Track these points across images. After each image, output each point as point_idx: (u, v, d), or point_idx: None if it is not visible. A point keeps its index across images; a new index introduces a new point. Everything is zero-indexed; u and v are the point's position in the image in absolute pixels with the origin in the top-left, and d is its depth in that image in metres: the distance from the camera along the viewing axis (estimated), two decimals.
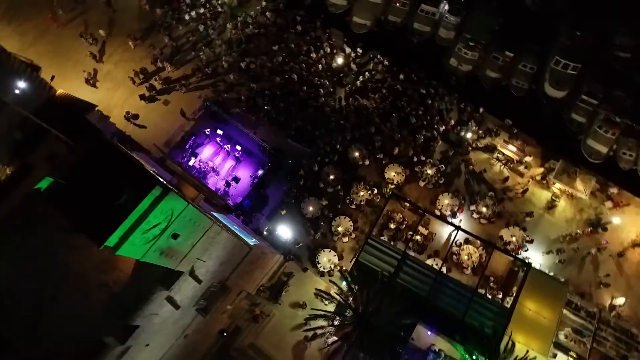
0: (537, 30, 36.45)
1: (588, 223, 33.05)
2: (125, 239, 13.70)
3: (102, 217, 13.12)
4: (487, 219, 33.22)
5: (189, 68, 37.37)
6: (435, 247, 32.92)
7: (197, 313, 25.28)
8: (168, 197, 14.17)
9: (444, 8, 38.40)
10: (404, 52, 37.41)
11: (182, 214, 16.00)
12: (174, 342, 25.38)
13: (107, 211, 13.17)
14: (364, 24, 38.68)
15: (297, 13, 38.72)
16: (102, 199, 13.19)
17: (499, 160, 34.61)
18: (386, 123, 35.54)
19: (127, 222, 13.28)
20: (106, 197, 13.13)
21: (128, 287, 20.38)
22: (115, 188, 13.25)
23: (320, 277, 32.43)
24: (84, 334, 19.56)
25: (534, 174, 34.27)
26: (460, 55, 37.41)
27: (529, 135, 35.32)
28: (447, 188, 34.22)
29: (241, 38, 37.92)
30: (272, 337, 31.64)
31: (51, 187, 16.19)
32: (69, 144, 21.75)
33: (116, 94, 37.07)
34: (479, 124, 35.61)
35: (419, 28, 38.54)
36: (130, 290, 20.11)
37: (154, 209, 14.05)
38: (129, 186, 13.36)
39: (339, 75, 36.98)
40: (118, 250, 13.78)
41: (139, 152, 31.59)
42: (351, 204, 33.70)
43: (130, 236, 13.86)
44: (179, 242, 17.23)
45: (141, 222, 13.86)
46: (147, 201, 13.42)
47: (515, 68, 36.61)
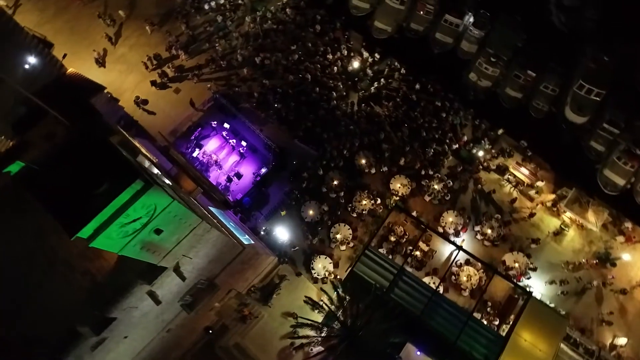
0: (563, 50, 35.10)
1: (596, 256, 31.71)
2: (100, 231, 13.13)
3: (77, 207, 12.53)
4: (491, 242, 32.11)
5: (203, 58, 36.95)
6: (435, 265, 31.92)
7: (181, 309, 24.71)
8: (151, 192, 13.53)
9: (468, 20, 37.33)
10: (423, 62, 36.43)
11: (167, 209, 15.38)
12: (155, 335, 24.85)
13: (84, 201, 12.58)
14: (384, 29, 37.81)
15: (317, 12, 38.02)
16: (81, 187, 12.59)
17: (509, 182, 33.42)
18: (397, 133, 34.62)
19: (103, 214, 12.69)
20: (85, 186, 12.52)
21: (111, 277, 19.99)
22: (96, 177, 12.64)
23: (314, 283, 31.68)
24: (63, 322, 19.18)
25: (544, 200, 33.03)
26: (481, 70, 36.30)
27: (544, 159, 34.06)
28: (453, 205, 33.17)
29: (259, 32, 37.33)
30: (259, 339, 30.98)
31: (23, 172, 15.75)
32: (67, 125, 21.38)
33: (128, 78, 36.84)
34: (493, 143, 34.46)
35: (440, 38, 37.53)
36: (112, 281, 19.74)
37: (134, 203, 13.46)
38: (110, 177, 12.73)
39: (353, 79, 36.17)
40: (92, 242, 13.20)
41: (142, 139, 31.33)
42: (352, 212, 32.88)
43: (107, 229, 13.26)
44: (162, 238, 16.65)
45: (119, 216, 13.26)
46: (127, 195, 12.83)
47: (536, 88, 35.35)
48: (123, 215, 13.46)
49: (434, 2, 37.36)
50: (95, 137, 13.46)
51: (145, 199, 13.71)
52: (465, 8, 37.38)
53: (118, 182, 12.69)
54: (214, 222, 22.84)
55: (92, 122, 21.19)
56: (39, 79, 28.51)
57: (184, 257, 20.06)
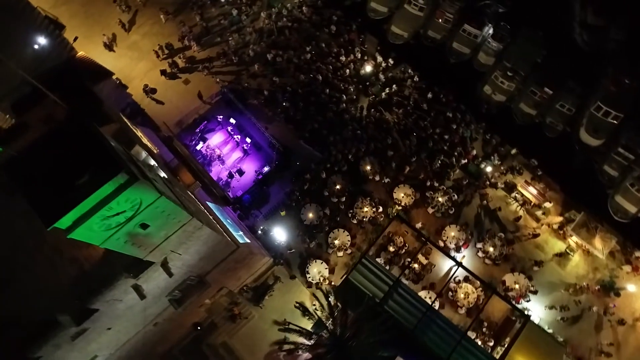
0: (582, 69, 34.07)
1: (600, 284, 30.71)
2: (80, 223, 12.65)
3: (56, 197, 12.11)
4: (492, 260, 31.26)
5: (214, 51, 36.55)
6: (432, 280, 31.15)
7: (169, 303, 24.31)
8: (136, 187, 13.04)
9: (487, 32, 36.47)
10: (437, 71, 35.63)
11: (154, 205, 14.87)
12: (141, 329, 24.53)
13: (63, 191, 12.14)
14: (401, 35, 37.10)
15: (334, 13, 37.41)
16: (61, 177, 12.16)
17: (516, 200, 32.52)
18: (405, 141, 33.88)
19: (83, 206, 12.21)
20: (66, 176, 12.09)
21: (98, 268, 19.49)
22: (78, 167, 12.20)
23: (307, 287, 31.13)
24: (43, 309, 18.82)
25: (551, 222, 32.07)
26: (496, 84, 35.43)
27: (554, 180, 33.10)
28: (456, 220, 32.36)
29: (273, 29, 36.83)
30: (246, 340, 30.54)
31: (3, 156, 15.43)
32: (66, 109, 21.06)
33: (138, 65, 36.58)
34: (502, 159, 33.57)
35: (457, 48, 36.73)
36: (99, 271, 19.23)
37: (117, 196, 12.96)
38: (92, 168, 12.28)
39: (365, 83, 35.51)
40: (71, 234, 12.74)
41: (146, 128, 31.05)
42: (352, 218, 32.24)
43: (87, 221, 12.78)
44: (148, 233, 16.17)
45: (101, 208, 12.78)
46: (110, 187, 12.32)
47: (552, 106, 34.38)
48: (105, 208, 12.96)
49: (453, 11, 36.56)
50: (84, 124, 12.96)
51: (129, 193, 13.18)
52: (485, 19, 36.55)
53: (100, 174, 12.19)
54: (207, 220, 22.38)
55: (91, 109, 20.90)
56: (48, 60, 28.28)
57: (173, 252, 19.56)
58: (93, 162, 12.57)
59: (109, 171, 12.33)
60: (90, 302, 18.26)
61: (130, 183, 13.08)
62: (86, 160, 12.59)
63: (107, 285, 18.29)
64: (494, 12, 36.85)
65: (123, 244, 15.66)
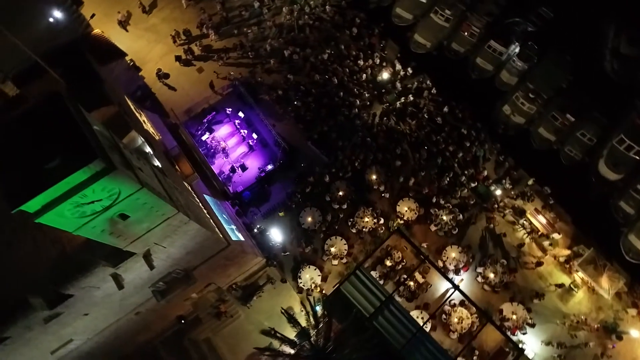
0: (609, 99, 32.61)
1: (602, 325, 29.29)
2: (50, 207, 12.03)
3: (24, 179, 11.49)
4: (491, 287, 30.05)
5: (232, 42, 35.93)
6: (427, 300, 30.10)
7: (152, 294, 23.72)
8: (113, 176, 12.37)
9: (513, 50, 35.21)
10: (457, 85, 34.45)
11: (134, 196, 14.20)
12: (121, 316, 23.95)
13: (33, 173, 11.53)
14: (424, 44, 36.09)
15: (357, 15, 36.49)
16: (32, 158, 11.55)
17: (524, 227, 31.22)
18: (415, 154, 32.82)
19: (53, 191, 11.58)
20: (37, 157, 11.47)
21: (80, 251, 18.82)
22: (51, 149, 11.57)
23: (298, 293, 30.36)
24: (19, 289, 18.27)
25: (557, 254, 30.71)
26: (516, 105, 34.17)
27: (565, 210, 31.70)
28: (459, 240, 31.23)
29: (293, 25, 36.06)
30: (230, 339, 29.93)
31: None
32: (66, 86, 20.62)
33: (154, 49, 36.17)
34: (514, 184, 32.25)
35: (481, 64, 35.56)
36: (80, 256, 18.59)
37: (92, 184, 12.30)
38: (66, 152, 11.63)
39: (380, 90, 34.53)
40: (39, 219, 12.14)
41: (152, 112, 30.55)
42: (352, 227, 31.33)
43: (58, 206, 12.15)
44: (129, 224, 15.53)
45: (73, 195, 12.14)
46: (82, 175, 11.68)
47: (572, 134, 33.01)
48: (79, 195, 12.32)
49: (480, 25, 35.42)
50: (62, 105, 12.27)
51: (106, 182, 12.53)
52: (513, 37, 35.29)
53: (73, 159, 11.55)
54: (198, 214, 21.70)
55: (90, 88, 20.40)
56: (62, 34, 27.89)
57: (157, 245, 18.90)
58: (67, 147, 11.90)
59: (83, 158, 11.65)
60: (64, 287, 17.70)
61: (106, 172, 12.41)
62: (60, 143, 11.93)
63: (84, 272, 17.69)
64: (522, 30, 35.57)
65: (100, 232, 15.03)
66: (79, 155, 11.72)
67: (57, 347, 22.08)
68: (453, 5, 35.58)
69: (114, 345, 26.09)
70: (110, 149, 13.55)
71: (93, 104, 19.42)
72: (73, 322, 20.82)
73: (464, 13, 35.81)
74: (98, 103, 19.46)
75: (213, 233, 22.98)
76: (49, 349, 21.66)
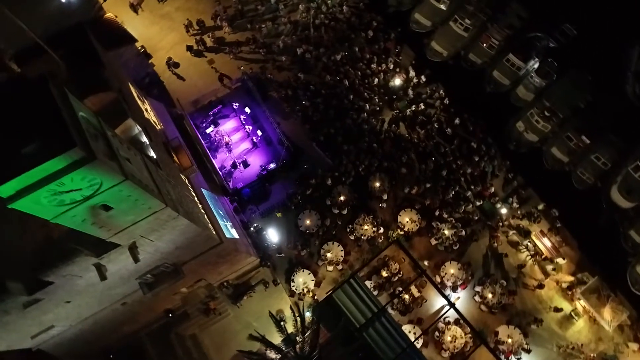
0: (627, 123, 31.40)
1: (601, 357, 28.20)
2: (24, 193, 11.54)
3: None
4: (488, 307, 29.11)
5: (245, 35, 35.42)
6: (421, 315, 29.28)
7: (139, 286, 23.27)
8: (94, 166, 11.85)
9: (532, 66, 34.17)
10: (470, 97, 33.52)
11: (117, 188, 13.69)
12: (106, 306, 23.57)
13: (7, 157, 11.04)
14: (440, 53, 35.21)
15: (375, 18, 35.72)
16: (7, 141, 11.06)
17: (527, 249, 30.21)
18: (421, 164, 31.96)
19: (27, 177, 11.08)
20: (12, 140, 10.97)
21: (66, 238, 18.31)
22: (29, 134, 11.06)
23: (290, 296, 29.74)
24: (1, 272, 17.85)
25: (560, 279, 29.68)
26: (531, 122, 33.15)
27: (572, 235, 30.61)
28: (459, 257, 30.32)
29: (309, 23, 35.40)
30: (216, 337, 29.44)
31: None
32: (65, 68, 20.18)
33: (167, 37, 35.83)
34: (521, 203, 31.25)
35: (497, 77, 34.59)
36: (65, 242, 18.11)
37: (70, 173, 11.79)
38: (43, 138, 11.12)
39: (392, 96, 33.73)
40: (13, 204, 11.66)
41: (157, 101, 30.12)
42: (350, 234, 30.59)
43: (33, 193, 11.65)
44: (112, 215, 15.04)
45: (49, 182, 11.63)
46: (59, 162, 11.19)
47: (586, 157, 31.90)
48: (55, 183, 11.84)
49: (500, 37, 34.40)
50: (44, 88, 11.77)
51: (86, 172, 12.04)
52: (533, 52, 34.24)
53: (50, 146, 11.04)
54: (189, 210, 21.17)
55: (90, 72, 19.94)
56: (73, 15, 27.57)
57: (143, 238, 18.40)
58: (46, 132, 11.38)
59: (60, 145, 11.13)
60: (44, 273, 17.28)
61: (85, 161, 11.88)
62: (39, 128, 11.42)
63: (65, 260, 17.26)
64: (543, 46, 34.49)
65: (81, 222, 14.54)
66: (56, 142, 11.18)
67: (37, 332, 21.74)
68: (473, 15, 34.62)
69: (98, 333, 25.73)
70: (94, 137, 13.02)
71: (90, 88, 18.97)
72: (54, 309, 20.45)
73: (484, 24, 34.83)
74: (96, 88, 18.98)
75: (204, 229, 22.43)
76: (28, 334, 21.33)
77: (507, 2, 34.61)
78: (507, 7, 34.50)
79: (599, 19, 32.52)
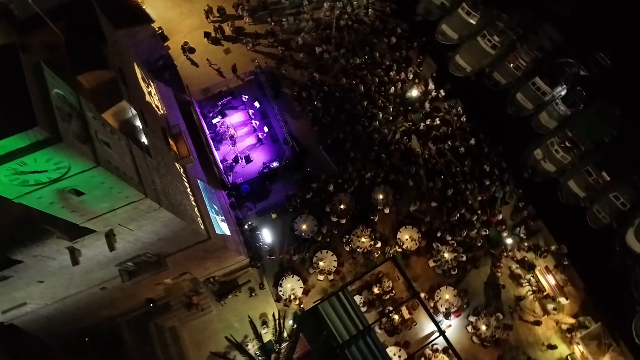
0: None
1: None
2: None
3: None
4: (480, 340, 27.68)
5: (264, 28, 34.56)
6: (408, 338, 28.00)
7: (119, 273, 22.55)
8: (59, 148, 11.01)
9: (559, 92, 32.54)
10: (489, 118, 32.07)
11: (88, 174, 12.86)
12: (84, 289, 22.96)
13: None
14: (464, 68, 33.79)
15: (400, 24, 34.47)
16: None
17: (529, 283, 28.68)
18: (429, 182, 30.61)
19: None
20: None
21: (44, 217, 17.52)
22: None
23: (276, 301, 28.76)
24: None
25: (560, 320, 28.07)
26: (550, 151, 31.53)
27: (579, 275, 29.00)
28: (456, 283, 28.95)
29: (331, 23, 34.32)
30: (196, 334, 28.64)
31: None
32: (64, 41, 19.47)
33: (185, 21, 35.14)
34: (529, 235, 29.68)
35: (520, 100, 33.05)
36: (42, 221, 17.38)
37: (31, 153, 10.98)
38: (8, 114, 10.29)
39: (407, 107, 32.44)
40: None
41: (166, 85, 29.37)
42: (346, 245, 29.46)
43: None
44: (84, 201, 14.24)
45: (8, 161, 10.82)
46: (18, 141, 10.37)
47: (605, 195, 30.20)
48: (16, 162, 11.09)
49: (529, 59, 32.90)
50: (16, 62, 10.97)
51: (51, 154, 11.25)
52: (561, 78, 32.60)
53: (8, 123, 10.21)
54: (175, 202, 20.29)
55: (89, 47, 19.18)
56: None
57: (121, 226, 17.58)
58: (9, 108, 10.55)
59: (20, 123, 10.29)
60: (12, 252, 16.60)
61: (49, 142, 11.03)
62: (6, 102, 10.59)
63: (35, 240, 16.56)
64: (573, 73, 32.82)
65: (48, 204, 13.78)
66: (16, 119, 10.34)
67: (8, 307, 21.22)
68: (503, 33, 33.13)
69: (75, 315, 25.13)
70: (67, 117, 12.18)
71: (87, 64, 18.21)
72: (26, 287, 19.85)
73: (513, 43, 33.33)
74: (92, 65, 18.21)
75: (191, 224, 21.57)
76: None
77: (540, 23, 33.01)
78: (540, 28, 32.95)
79: (637, 51, 30.74)
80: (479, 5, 33.64)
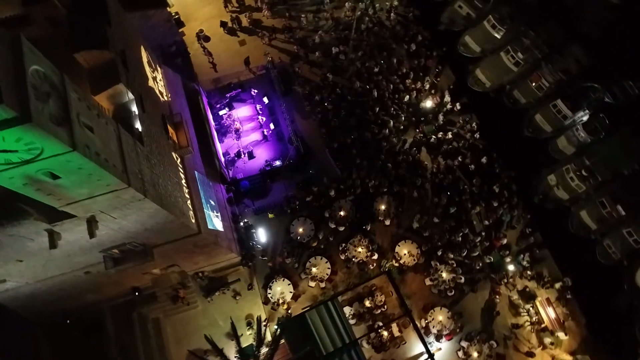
0: None
1: None
2: None
3: None
4: None
5: (282, 22, 33.76)
6: (395, 356, 26.99)
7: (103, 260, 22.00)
8: (32, 129, 10.32)
9: (580, 117, 31.11)
10: (504, 137, 30.79)
11: (63, 157, 12.20)
12: (67, 272, 22.51)
13: None
14: (483, 83, 32.56)
15: (421, 32, 33.35)
16: None
17: (528, 314, 27.40)
18: (434, 197, 29.50)
19: None
20: None
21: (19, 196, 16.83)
22: None
23: (264, 303, 27.98)
24: None
25: (557, 356, 26.73)
26: (565, 178, 30.13)
27: (582, 310, 27.60)
28: (452, 305, 27.79)
29: (351, 24, 33.40)
30: (179, 328, 28.02)
31: None
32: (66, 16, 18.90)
33: (203, 9, 34.60)
34: (533, 263, 28.38)
35: (539, 122, 31.68)
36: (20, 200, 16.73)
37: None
38: None
39: (420, 117, 31.33)
40: None
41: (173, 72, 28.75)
42: (342, 253, 28.53)
43: None
44: (60, 185, 13.67)
45: None
46: None
47: (617, 229, 28.72)
48: None
49: (552, 80, 31.54)
50: None
51: (21, 133, 10.60)
52: (584, 103, 31.15)
53: None
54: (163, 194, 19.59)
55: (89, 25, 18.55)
56: None
57: (103, 214, 16.93)
58: None
59: None
60: None
61: (17, 121, 10.34)
62: None
63: (10, 220, 16.00)
64: (597, 98, 31.31)
65: (21, 185, 13.17)
66: None
67: None
68: (528, 50, 31.82)
69: (58, 295, 24.69)
70: (43, 96, 11.49)
71: (85, 42, 17.59)
72: (4, 265, 19.37)
73: (538, 61, 31.98)
74: (92, 44, 17.59)
75: (178, 217, 20.87)
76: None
77: (568, 43, 31.59)
78: (567, 49, 31.52)
79: None
80: (506, 19, 32.39)
